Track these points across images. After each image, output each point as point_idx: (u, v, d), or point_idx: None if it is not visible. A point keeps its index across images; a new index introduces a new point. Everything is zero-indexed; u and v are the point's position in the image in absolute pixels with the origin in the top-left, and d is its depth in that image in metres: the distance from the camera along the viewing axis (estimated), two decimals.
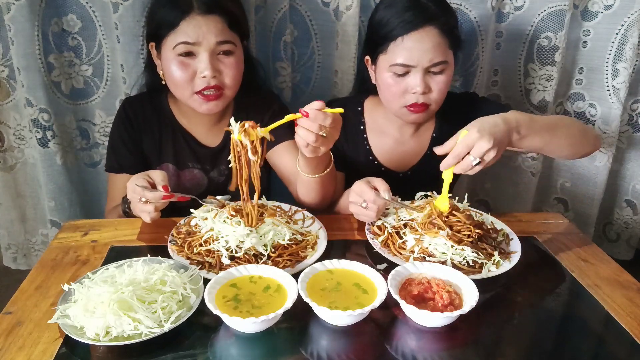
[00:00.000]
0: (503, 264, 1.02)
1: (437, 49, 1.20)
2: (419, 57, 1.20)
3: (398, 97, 1.26)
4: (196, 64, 1.20)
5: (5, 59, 1.52)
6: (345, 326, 0.85)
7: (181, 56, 1.19)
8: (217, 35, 1.18)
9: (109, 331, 0.79)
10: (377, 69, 1.29)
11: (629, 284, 1.01)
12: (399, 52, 1.21)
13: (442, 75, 1.24)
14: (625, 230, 1.93)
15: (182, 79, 1.21)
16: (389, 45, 1.22)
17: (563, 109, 1.78)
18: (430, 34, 1.20)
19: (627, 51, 1.59)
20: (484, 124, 1.03)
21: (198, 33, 1.17)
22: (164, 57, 1.23)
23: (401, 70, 1.22)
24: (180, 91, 1.24)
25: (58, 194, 1.65)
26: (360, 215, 1.15)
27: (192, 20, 1.17)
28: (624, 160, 1.85)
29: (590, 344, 0.87)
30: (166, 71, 1.24)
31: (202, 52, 1.19)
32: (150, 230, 1.16)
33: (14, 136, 1.65)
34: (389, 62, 1.23)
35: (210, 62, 1.19)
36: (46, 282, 0.96)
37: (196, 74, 1.20)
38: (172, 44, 1.19)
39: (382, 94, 1.32)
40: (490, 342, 0.86)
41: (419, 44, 1.20)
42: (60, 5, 1.48)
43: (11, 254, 1.84)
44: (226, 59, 1.22)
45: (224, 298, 0.85)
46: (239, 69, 1.25)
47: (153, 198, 1.06)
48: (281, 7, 1.52)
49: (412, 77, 1.23)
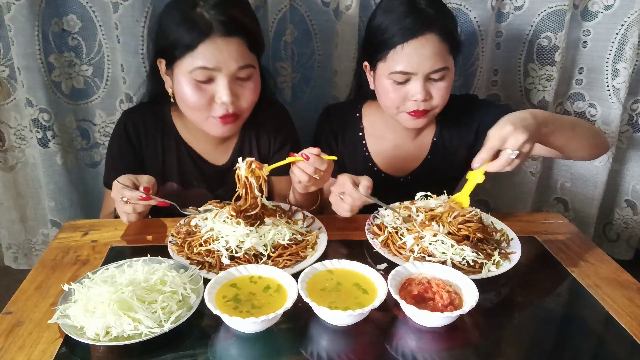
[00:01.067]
0: (503, 264, 1.02)
1: (438, 55, 1.19)
2: (419, 64, 1.19)
3: (398, 104, 1.25)
4: (214, 88, 1.13)
5: (6, 59, 1.53)
6: (345, 326, 0.85)
7: (198, 81, 1.12)
8: (237, 60, 1.11)
9: (109, 331, 0.79)
10: (376, 76, 1.28)
11: (629, 284, 1.01)
12: (399, 59, 1.20)
13: (442, 81, 1.23)
14: (625, 230, 1.93)
15: (198, 104, 1.14)
16: (388, 52, 1.21)
17: (563, 109, 1.78)
18: (430, 41, 1.18)
19: (627, 51, 1.59)
20: (514, 118, 1.01)
21: (218, 58, 1.09)
22: (177, 78, 1.15)
23: (401, 78, 1.21)
24: (195, 115, 1.18)
25: (58, 194, 1.65)
26: (337, 207, 1.16)
27: (212, 44, 1.09)
28: (624, 160, 1.85)
29: (590, 344, 0.87)
30: (179, 92, 1.16)
31: (221, 78, 1.12)
32: (150, 230, 1.16)
33: (14, 136, 1.65)
34: (389, 70, 1.22)
35: (230, 88, 1.12)
36: (46, 282, 0.97)
37: (213, 98, 1.14)
38: (189, 68, 1.11)
39: (381, 101, 1.31)
40: (490, 342, 0.86)
41: (418, 51, 1.18)
42: (61, 5, 1.48)
43: (12, 253, 1.84)
44: (245, 83, 1.16)
45: (224, 298, 0.85)
46: (256, 92, 1.20)
47: (131, 197, 1.06)
48: (281, 7, 1.52)
49: (413, 84, 1.22)
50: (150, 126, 1.31)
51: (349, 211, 1.14)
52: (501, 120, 1.02)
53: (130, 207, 1.08)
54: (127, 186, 1.07)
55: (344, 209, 1.14)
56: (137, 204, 1.08)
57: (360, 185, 1.11)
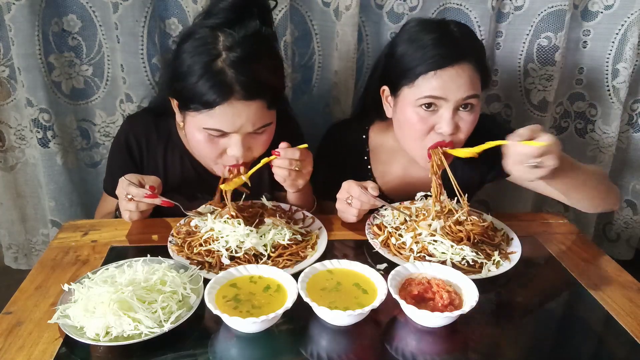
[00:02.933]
0: (503, 264, 1.02)
1: (471, 84, 1.12)
2: (453, 91, 1.10)
3: (421, 136, 1.16)
4: (227, 141, 1.08)
5: (6, 59, 1.53)
6: (345, 326, 0.85)
7: (211, 135, 1.07)
8: (254, 124, 1.06)
9: (109, 331, 0.79)
10: (399, 102, 1.18)
11: (629, 284, 1.01)
12: (431, 84, 1.11)
13: (471, 113, 1.14)
14: (625, 230, 1.93)
15: (210, 155, 1.11)
16: (418, 78, 1.12)
17: (563, 108, 1.78)
18: (466, 70, 1.11)
19: (627, 51, 1.59)
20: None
21: (235, 122, 1.03)
22: (190, 125, 1.09)
23: (429, 103, 1.12)
24: (204, 158, 1.18)
25: (58, 194, 1.65)
26: (344, 213, 1.16)
27: (230, 108, 1.02)
28: (624, 160, 1.85)
29: (590, 344, 0.87)
30: (190, 137, 1.12)
31: (235, 136, 1.07)
32: (150, 230, 1.16)
33: (14, 136, 1.65)
34: (417, 95, 1.12)
35: (243, 144, 1.07)
36: (46, 282, 0.97)
37: (225, 150, 1.10)
38: (203, 125, 1.05)
39: (401, 131, 1.21)
40: (490, 342, 0.86)
41: (453, 79, 1.10)
42: (61, 5, 1.48)
43: (12, 253, 1.84)
44: (259, 136, 1.11)
45: (224, 298, 0.85)
46: (269, 142, 1.14)
47: (137, 195, 1.06)
48: (281, 7, 1.52)
49: (441, 114, 1.13)
50: (153, 137, 1.27)
51: (356, 216, 1.14)
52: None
53: (133, 205, 1.07)
54: (133, 183, 1.07)
55: (352, 214, 1.13)
56: (142, 201, 1.07)
57: (369, 187, 1.10)
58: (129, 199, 1.07)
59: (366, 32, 1.61)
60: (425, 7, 1.56)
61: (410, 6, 1.56)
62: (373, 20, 1.59)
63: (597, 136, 1.76)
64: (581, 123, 1.79)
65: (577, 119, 1.79)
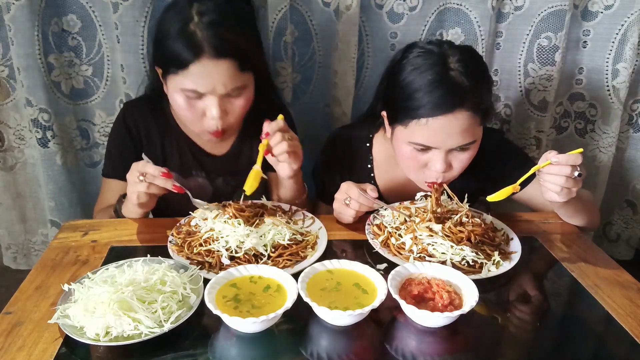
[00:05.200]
0: (503, 264, 1.02)
1: (466, 132, 1.08)
2: (443, 141, 1.09)
3: (416, 171, 1.18)
4: (204, 104, 1.15)
5: (6, 59, 1.53)
6: (345, 326, 0.85)
7: (189, 97, 1.15)
8: (226, 85, 1.12)
9: (109, 331, 0.79)
10: (395, 136, 1.18)
11: (629, 284, 1.01)
12: (421, 132, 1.09)
13: (466, 152, 1.13)
14: (625, 230, 1.93)
15: (190, 117, 1.18)
16: (411, 122, 1.09)
17: (563, 109, 1.78)
18: (460, 118, 1.06)
19: (627, 51, 1.59)
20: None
21: (208, 81, 1.11)
22: (171, 88, 1.17)
23: (421, 149, 1.12)
24: (190, 124, 1.23)
25: (58, 194, 1.65)
26: (341, 214, 1.16)
27: (202, 66, 1.10)
28: (624, 160, 1.85)
29: (590, 344, 0.87)
30: (173, 103, 1.20)
31: (210, 97, 1.14)
32: (150, 230, 1.16)
33: (14, 136, 1.65)
34: (408, 138, 1.12)
35: (219, 105, 1.15)
36: (46, 282, 0.96)
37: (205, 113, 1.16)
38: (180, 86, 1.14)
39: (397, 159, 1.22)
40: (490, 342, 0.86)
41: (445, 128, 1.07)
42: (60, 5, 1.48)
43: (11, 253, 1.84)
44: (235, 100, 1.17)
45: (224, 298, 0.85)
46: (246, 107, 1.21)
47: (153, 172, 1.05)
48: (281, 7, 1.52)
49: (433, 155, 1.12)
50: (150, 120, 1.33)
51: (353, 217, 1.14)
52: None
53: (144, 185, 1.06)
54: (149, 162, 1.08)
55: (349, 215, 1.14)
56: (153, 183, 1.06)
57: (368, 189, 1.10)
58: (140, 180, 1.06)
59: (366, 32, 1.61)
60: (425, 7, 1.56)
61: (410, 6, 1.56)
62: (373, 20, 1.59)
63: (597, 136, 1.76)
64: (581, 123, 1.79)
65: (577, 119, 1.79)
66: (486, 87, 1.13)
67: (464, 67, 1.08)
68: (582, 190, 1.17)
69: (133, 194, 1.09)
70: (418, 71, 1.09)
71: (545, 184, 1.01)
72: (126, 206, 1.17)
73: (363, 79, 1.68)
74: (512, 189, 1.02)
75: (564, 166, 0.97)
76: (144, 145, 1.34)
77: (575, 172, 0.97)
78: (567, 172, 0.97)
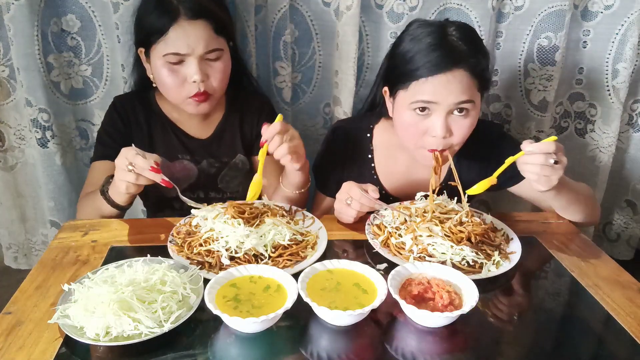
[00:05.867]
0: (503, 264, 1.02)
1: (465, 91, 1.11)
2: (445, 95, 1.11)
3: (416, 139, 1.18)
4: (185, 69, 1.23)
5: (5, 59, 1.53)
6: (345, 326, 0.85)
7: (171, 63, 1.23)
8: (205, 46, 1.22)
9: (109, 331, 0.78)
10: (396, 105, 1.20)
11: (629, 284, 1.01)
12: (422, 90, 1.12)
13: (466, 118, 1.14)
14: (625, 230, 1.94)
15: (173, 85, 1.25)
16: (411, 83, 1.13)
17: (563, 109, 1.78)
18: (458, 77, 1.10)
19: (627, 51, 1.59)
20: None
21: (187, 42, 1.20)
22: (154, 63, 1.25)
23: (422, 107, 1.13)
24: (173, 95, 1.28)
25: (58, 194, 1.65)
26: (342, 214, 1.16)
27: (180, 28, 1.19)
28: (624, 160, 1.85)
29: (590, 344, 0.87)
30: (157, 76, 1.27)
31: (191, 60, 1.22)
32: (150, 230, 1.16)
33: (14, 136, 1.65)
34: (410, 100, 1.14)
35: (200, 68, 1.23)
36: (46, 282, 0.96)
37: (186, 79, 1.24)
38: (162, 52, 1.22)
39: (399, 132, 1.23)
40: (490, 342, 0.86)
41: (444, 85, 1.10)
42: (60, 5, 1.48)
43: (12, 253, 1.84)
44: (214, 63, 1.26)
45: (224, 298, 0.85)
46: (226, 72, 1.29)
47: (142, 166, 1.05)
48: (281, 7, 1.52)
49: (434, 118, 1.13)
50: (138, 108, 1.39)
51: (354, 217, 1.14)
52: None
53: (133, 176, 1.06)
54: (139, 154, 1.06)
55: (350, 215, 1.14)
56: (142, 175, 1.06)
57: (370, 190, 1.11)
58: (129, 169, 1.06)
59: (366, 32, 1.61)
60: (425, 7, 1.56)
61: (410, 6, 1.56)
62: (373, 20, 1.59)
63: (597, 136, 1.76)
64: (581, 123, 1.79)
65: (577, 119, 1.79)
66: (482, 54, 1.16)
67: (462, 34, 1.13)
68: (578, 183, 1.22)
69: (122, 182, 1.08)
70: (417, 39, 1.14)
71: (525, 173, 1.05)
72: (112, 189, 1.15)
73: (363, 79, 1.69)
74: (489, 182, 1.08)
75: (537, 155, 1.00)
76: (133, 130, 1.38)
77: (551, 160, 1.00)
78: (541, 160, 1.00)
